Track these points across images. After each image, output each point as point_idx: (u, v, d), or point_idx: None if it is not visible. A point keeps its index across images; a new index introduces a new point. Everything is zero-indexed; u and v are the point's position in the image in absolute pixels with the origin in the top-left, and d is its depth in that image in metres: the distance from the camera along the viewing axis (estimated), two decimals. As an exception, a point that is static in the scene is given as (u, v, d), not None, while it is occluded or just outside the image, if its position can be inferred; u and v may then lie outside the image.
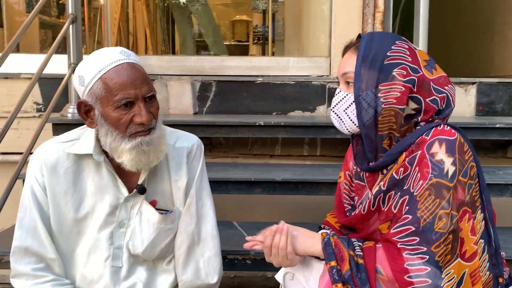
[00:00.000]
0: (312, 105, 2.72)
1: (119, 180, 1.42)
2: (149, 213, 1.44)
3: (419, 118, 1.31)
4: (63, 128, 1.74)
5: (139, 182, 1.42)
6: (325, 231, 1.44)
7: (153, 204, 1.45)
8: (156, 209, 1.45)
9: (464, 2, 4.76)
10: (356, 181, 1.47)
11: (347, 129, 1.37)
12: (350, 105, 1.33)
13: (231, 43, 7.99)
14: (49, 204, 1.41)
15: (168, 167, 1.47)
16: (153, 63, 2.89)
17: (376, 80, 1.28)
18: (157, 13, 5.60)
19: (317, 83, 2.71)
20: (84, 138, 1.42)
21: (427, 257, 1.19)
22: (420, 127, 1.30)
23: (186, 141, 1.51)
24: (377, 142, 1.33)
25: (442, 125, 1.28)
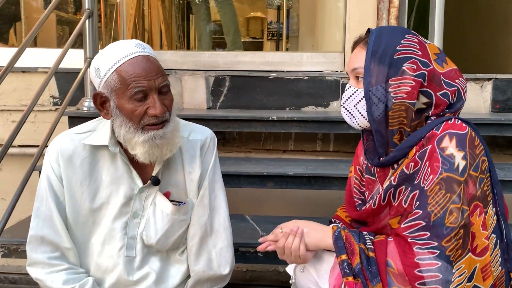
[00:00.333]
0: (325, 101, 2.71)
1: (133, 171, 1.43)
2: (163, 204, 1.46)
3: (430, 112, 1.30)
4: (79, 121, 1.76)
5: (153, 173, 1.44)
6: (336, 225, 1.45)
7: (167, 195, 1.47)
8: (170, 200, 1.46)
9: (480, -3, 4.70)
10: (367, 176, 1.46)
11: (358, 124, 1.37)
12: (360, 100, 1.33)
13: (246, 40, 7.99)
14: (65, 194, 1.43)
15: (182, 159, 1.48)
16: (168, 58, 2.90)
17: (386, 75, 1.28)
18: (172, 10, 5.63)
19: (331, 78, 2.70)
20: (100, 130, 1.44)
21: (438, 251, 1.19)
22: (430, 121, 1.29)
23: (199, 134, 1.52)
24: (387, 137, 1.32)
25: (453, 119, 1.27)
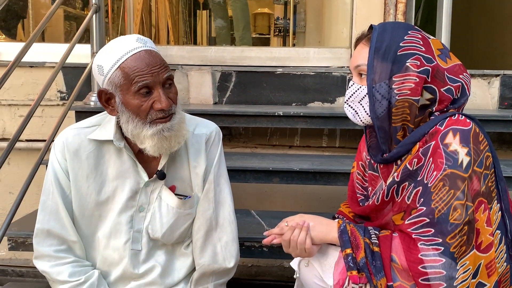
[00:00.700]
0: (332, 96, 2.71)
1: (139, 166, 1.44)
2: (169, 198, 1.46)
3: (434, 108, 1.29)
4: (86, 115, 1.77)
5: (159, 168, 1.45)
6: (341, 219, 1.45)
7: (172, 189, 1.48)
8: (175, 194, 1.47)
9: (489, -6, 4.67)
10: (370, 172, 1.46)
11: (362, 120, 1.36)
12: (364, 97, 1.32)
13: (253, 36, 7.98)
14: (71, 188, 1.44)
15: (187, 153, 1.49)
16: (174, 53, 2.90)
17: (389, 72, 1.27)
18: (179, 5, 5.63)
19: (337, 74, 2.69)
20: (105, 125, 1.45)
21: (442, 248, 1.19)
22: (434, 117, 1.29)
23: (204, 128, 1.53)
24: (391, 134, 1.32)
25: (456, 114, 1.26)
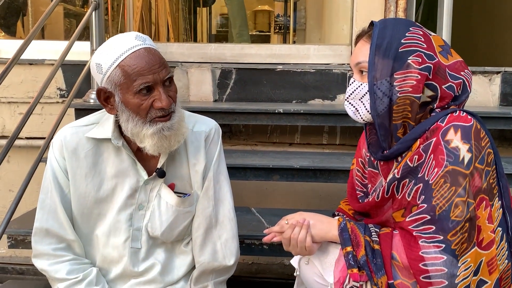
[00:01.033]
0: (332, 94, 2.70)
1: (138, 164, 1.44)
2: (168, 196, 1.46)
3: (435, 105, 1.28)
4: (85, 113, 1.76)
5: (158, 166, 1.44)
6: (341, 217, 1.44)
7: (171, 187, 1.47)
8: (174, 192, 1.47)
9: (490, -10, 4.66)
10: (370, 169, 1.45)
11: (362, 118, 1.35)
12: (364, 95, 1.31)
13: (253, 33, 7.98)
14: (70, 187, 1.44)
15: (187, 151, 1.48)
16: (174, 50, 2.89)
17: (391, 69, 1.26)
18: (179, 2, 5.62)
19: (337, 71, 2.68)
20: (103, 123, 1.44)
21: (443, 245, 1.18)
22: (435, 113, 1.28)
23: (204, 125, 1.52)
24: (391, 131, 1.31)
25: (458, 111, 1.25)
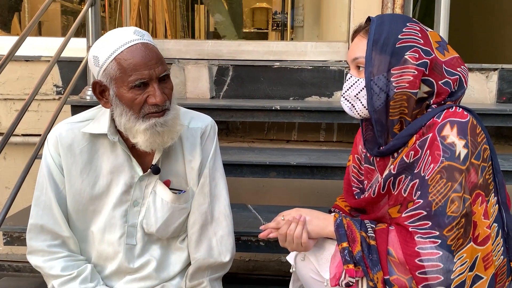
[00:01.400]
0: (329, 91, 2.70)
1: (133, 160, 1.43)
2: (163, 192, 1.45)
3: (431, 101, 1.28)
4: (81, 110, 1.75)
5: (153, 162, 1.44)
6: (337, 213, 1.44)
7: (167, 184, 1.47)
8: (170, 188, 1.46)
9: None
10: (366, 165, 1.45)
11: (359, 113, 1.35)
12: (361, 90, 1.31)
13: (251, 30, 7.98)
14: (65, 183, 1.44)
15: (182, 147, 1.48)
16: (171, 47, 2.89)
17: (388, 64, 1.26)
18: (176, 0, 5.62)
19: (334, 68, 2.68)
20: (99, 118, 1.44)
21: (439, 241, 1.18)
22: (431, 109, 1.28)
23: (200, 121, 1.52)
24: (388, 127, 1.31)
25: (454, 107, 1.25)
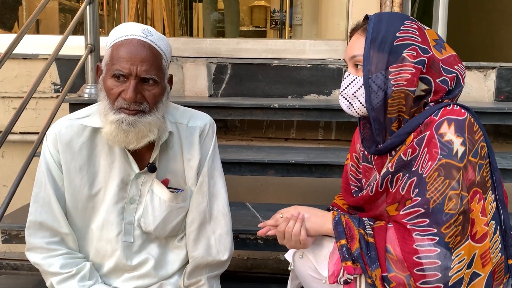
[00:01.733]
0: (328, 89, 2.70)
1: (130, 156, 1.43)
2: (161, 191, 1.45)
3: (429, 99, 1.29)
4: (79, 108, 1.74)
5: (151, 160, 1.44)
6: (336, 211, 1.44)
7: (165, 183, 1.47)
8: (168, 187, 1.46)
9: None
10: (364, 163, 1.46)
11: (357, 112, 1.35)
12: (359, 88, 1.32)
13: (249, 28, 7.98)
14: (64, 180, 1.43)
15: (181, 146, 1.47)
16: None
17: (386, 62, 1.26)
18: (175, -3, 5.62)
19: (333, 66, 2.68)
20: (97, 113, 1.43)
21: (437, 238, 1.19)
22: (429, 107, 1.28)
23: (199, 120, 1.51)
24: (386, 125, 1.31)
25: (451, 105, 1.26)
